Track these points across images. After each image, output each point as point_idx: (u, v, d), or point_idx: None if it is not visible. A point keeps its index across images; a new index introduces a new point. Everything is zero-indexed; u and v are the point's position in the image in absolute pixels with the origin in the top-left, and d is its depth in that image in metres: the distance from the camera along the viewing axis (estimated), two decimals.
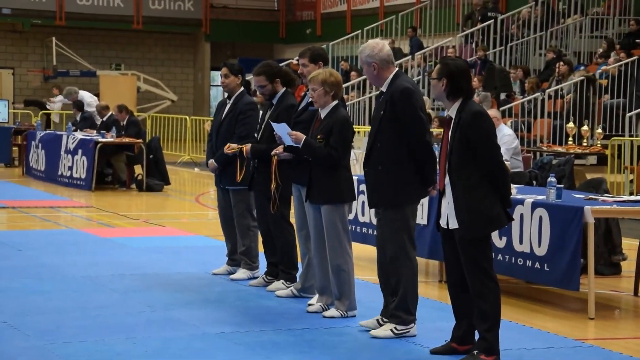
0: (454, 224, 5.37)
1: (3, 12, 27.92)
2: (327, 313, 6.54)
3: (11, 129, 18.88)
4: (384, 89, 5.99)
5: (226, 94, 7.99)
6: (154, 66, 30.26)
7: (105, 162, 15.56)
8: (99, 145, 14.89)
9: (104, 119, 16.28)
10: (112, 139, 15.15)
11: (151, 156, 15.29)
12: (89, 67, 28.38)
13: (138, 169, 15.54)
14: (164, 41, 30.55)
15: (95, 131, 16.11)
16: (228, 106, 7.86)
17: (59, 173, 15.92)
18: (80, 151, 15.30)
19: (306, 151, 6.43)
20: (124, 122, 15.60)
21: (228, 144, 7.53)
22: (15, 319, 6.26)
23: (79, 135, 15.76)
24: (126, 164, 15.51)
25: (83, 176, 15.16)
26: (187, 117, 22.41)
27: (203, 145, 22.26)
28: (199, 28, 29.83)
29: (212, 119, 8.31)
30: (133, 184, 15.48)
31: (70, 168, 15.53)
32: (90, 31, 29.14)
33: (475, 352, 5.39)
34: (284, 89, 7.35)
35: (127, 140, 15.20)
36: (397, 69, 6.06)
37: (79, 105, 17.69)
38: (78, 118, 17.38)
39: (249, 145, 7.31)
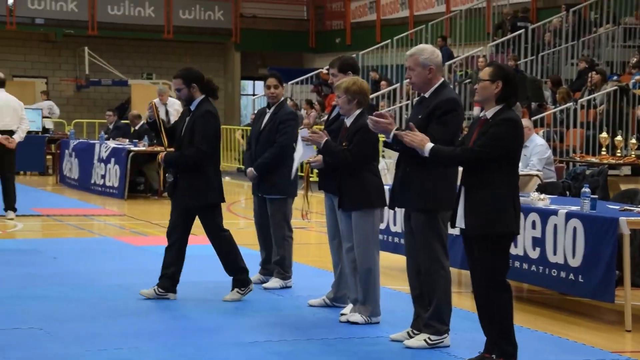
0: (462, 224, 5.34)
1: (36, 22, 28.20)
2: (351, 318, 6.55)
3: (45, 138, 19.07)
4: (427, 95, 5.97)
5: (266, 103, 8.04)
6: None
7: (138, 171, 15.67)
8: (131, 153, 15.00)
9: (136, 127, 16.41)
10: (144, 148, 15.26)
11: None
12: (120, 76, 28.58)
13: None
14: (194, 50, 30.69)
15: (127, 140, 16.24)
16: (268, 115, 7.90)
17: (92, 181, 16.05)
18: (112, 160, 15.42)
19: (325, 152, 6.49)
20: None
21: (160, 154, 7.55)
22: (51, 326, 6.32)
23: (112, 144, 15.89)
24: (158, 172, 15.60)
25: (116, 184, 15.28)
26: None
27: (233, 154, 22.35)
28: (229, 37, 29.97)
29: (242, 127, 8.41)
30: (165, 192, 15.55)
31: (103, 176, 15.65)
32: (121, 41, 29.35)
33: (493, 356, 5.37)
34: (203, 96, 7.36)
35: (159, 149, 15.29)
36: (443, 78, 6.06)
37: (120, 110, 17.91)
38: (111, 126, 17.53)
39: (163, 153, 7.37)
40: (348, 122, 6.57)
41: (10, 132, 11.75)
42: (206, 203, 7.25)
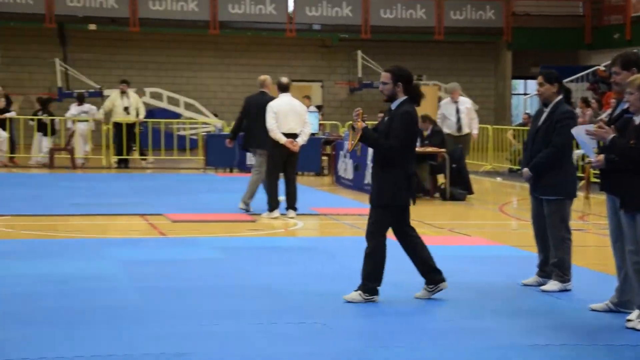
0: None
1: (313, 28, 29.30)
2: (638, 325, 6.26)
3: (321, 140, 19.73)
4: None
5: (542, 103, 7.87)
6: (454, 76, 30.40)
7: None
8: None
9: None
10: (415, 149, 15.39)
11: (454, 165, 15.38)
12: None
13: (441, 178, 15.68)
14: (464, 51, 30.65)
15: None
16: (545, 114, 7.74)
17: (366, 182, 16.40)
18: None
19: (611, 148, 6.23)
20: (428, 132, 15.82)
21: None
22: (334, 321, 6.53)
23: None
24: (429, 173, 15.70)
25: None
26: (489, 127, 22.29)
27: (505, 154, 22.06)
28: (500, 37, 29.63)
29: (512, 127, 8.28)
30: (436, 193, 15.64)
31: None
32: (393, 43, 29.86)
33: None
34: (406, 97, 7.16)
35: (430, 149, 15.39)
36: None
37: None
38: None
39: (365, 124, 7.15)
40: (638, 119, 6.28)
41: (295, 136, 12.27)
42: (394, 204, 7.20)
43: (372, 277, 7.21)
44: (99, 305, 6.89)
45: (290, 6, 28.25)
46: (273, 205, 12.40)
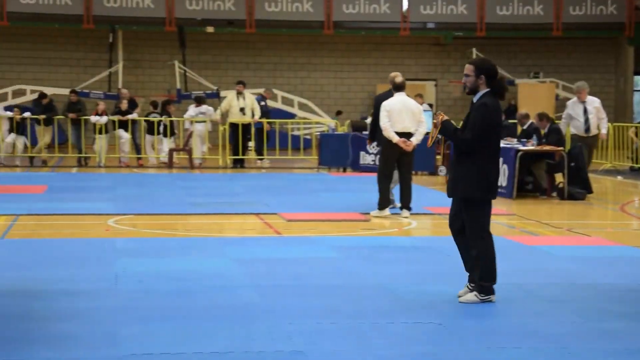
0: None
1: (428, 27, 29.15)
2: None
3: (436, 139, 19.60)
4: None
5: None
6: (572, 72, 29.80)
7: (526, 171, 15.59)
8: (519, 153, 14.96)
9: (525, 127, 16.33)
10: (532, 147, 15.15)
11: (572, 164, 15.06)
12: (507, 76, 28.63)
13: (559, 177, 15.38)
14: (583, 47, 29.97)
15: (515, 140, 16.21)
16: None
17: None
18: (501, 159, 15.46)
19: None
20: (545, 130, 15.54)
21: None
22: (451, 323, 6.48)
23: (500, 143, 15.93)
24: (547, 172, 15.42)
25: (504, 184, 15.31)
26: (609, 124, 21.71)
27: (626, 152, 21.46)
28: (622, 32, 28.84)
29: (635, 125, 8.01)
30: (554, 192, 15.34)
31: None
32: (509, 40, 29.43)
33: None
34: (487, 90, 7.04)
35: (547, 148, 15.11)
36: None
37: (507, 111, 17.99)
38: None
39: (446, 118, 7.17)
40: None
41: (409, 135, 12.23)
42: (470, 195, 7.08)
43: (486, 276, 7.12)
44: (217, 302, 7.01)
45: (405, 5, 28.16)
46: (383, 203, 12.40)
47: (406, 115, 12.24)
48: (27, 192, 15.14)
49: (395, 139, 12.13)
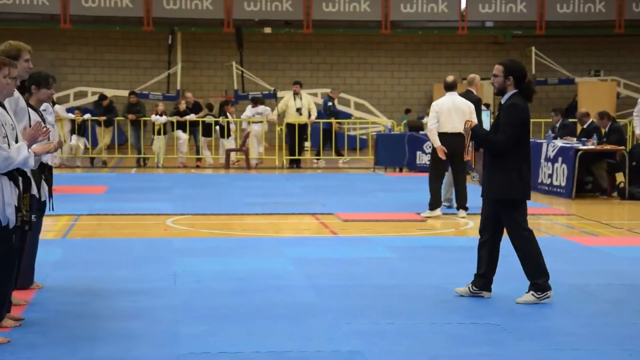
0: None
1: (486, 25, 28.93)
2: None
3: None
4: None
5: None
6: (635, 70, 29.33)
7: (586, 170, 15.40)
8: (579, 152, 14.79)
9: (585, 126, 16.15)
10: (592, 147, 14.97)
11: (634, 163, 14.85)
12: (567, 74, 28.33)
13: (620, 177, 15.17)
14: None
15: (575, 139, 16.03)
16: None
17: (539, 181, 16.07)
18: (560, 159, 15.31)
19: None
20: (606, 129, 15.35)
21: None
22: (509, 322, 6.43)
23: (559, 143, 15.77)
24: (607, 171, 15.21)
25: (563, 184, 15.15)
26: None
27: None
28: None
29: None
30: (614, 192, 15.13)
31: (550, 176, 15.60)
32: (569, 39, 29.08)
33: None
34: (515, 91, 7.07)
35: (608, 147, 14.92)
36: None
37: (561, 112, 17.77)
38: (558, 125, 17.41)
39: (475, 123, 7.28)
40: None
41: (459, 135, 12.15)
42: (505, 197, 7.04)
43: (537, 274, 7.09)
44: (274, 302, 7.05)
45: (463, 4, 27.99)
46: (435, 204, 12.37)
47: (456, 115, 12.17)
48: (88, 192, 15.38)
49: (437, 144, 12.16)
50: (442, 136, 12.18)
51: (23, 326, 6.21)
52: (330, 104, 22.81)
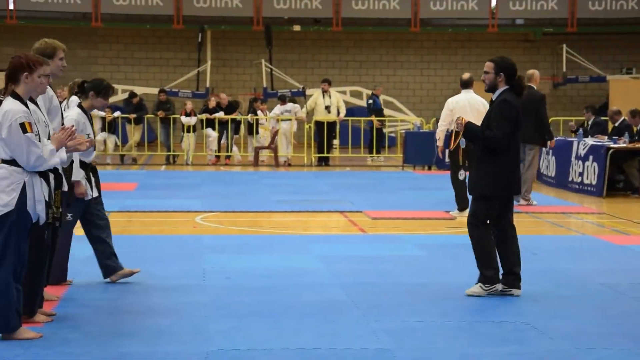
0: None
1: (516, 23, 28.76)
2: None
3: None
4: None
5: None
6: None
7: (617, 169, 15.28)
8: (610, 151, 14.67)
9: (616, 124, 16.02)
10: (624, 145, 14.84)
11: None
12: (598, 72, 28.09)
13: None
14: None
15: (606, 137, 15.91)
16: None
17: (569, 179, 15.97)
18: (591, 157, 15.20)
19: None
20: (638, 128, 15.22)
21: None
22: (539, 322, 6.39)
23: (590, 141, 15.66)
24: (638, 170, 15.08)
25: (594, 182, 15.04)
26: None
27: None
28: None
29: None
30: None
31: (581, 174, 15.50)
32: (601, 36, 28.84)
33: None
34: (506, 87, 7.13)
35: None
36: None
37: (593, 110, 17.65)
38: (590, 122, 17.31)
39: (466, 119, 7.25)
40: None
41: None
42: (492, 194, 7.12)
43: (485, 265, 7.14)
44: (303, 299, 7.06)
45: (493, 1, 27.86)
46: (462, 204, 12.14)
47: (471, 114, 12.02)
48: (118, 189, 15.46)
49: (440, 142, 12.17)
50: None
51: (55, 321, 6.27)
52: (370, 101, 22.87)
